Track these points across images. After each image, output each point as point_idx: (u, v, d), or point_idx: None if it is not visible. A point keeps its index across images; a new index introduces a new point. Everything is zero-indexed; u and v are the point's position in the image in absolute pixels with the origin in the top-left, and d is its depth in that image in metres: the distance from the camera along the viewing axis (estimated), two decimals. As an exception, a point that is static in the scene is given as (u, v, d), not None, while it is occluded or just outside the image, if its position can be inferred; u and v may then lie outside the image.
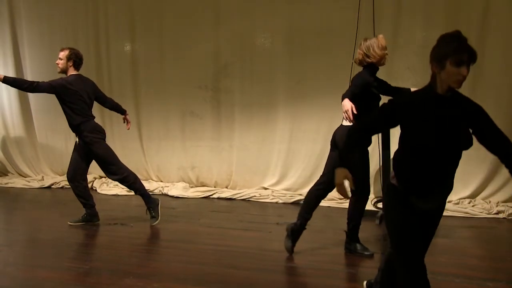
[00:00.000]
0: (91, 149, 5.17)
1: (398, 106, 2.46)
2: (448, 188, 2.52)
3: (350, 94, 3.83)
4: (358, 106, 3.80)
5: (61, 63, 5.22)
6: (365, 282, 3.23)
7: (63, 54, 5.22)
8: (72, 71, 5.23)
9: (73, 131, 5.26)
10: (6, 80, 5.02)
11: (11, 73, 8.08)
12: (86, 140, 5.15)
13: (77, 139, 5.25)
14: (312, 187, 4.24)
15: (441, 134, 2.35)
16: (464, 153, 2.50)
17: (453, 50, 2.29)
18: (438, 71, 2.36)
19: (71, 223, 5.27)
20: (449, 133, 2.35)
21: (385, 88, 4.17)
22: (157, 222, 5.26)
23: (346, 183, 2.59)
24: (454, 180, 2.58)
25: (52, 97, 5.25)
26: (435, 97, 2.39)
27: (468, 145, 2.39)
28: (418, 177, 2.44)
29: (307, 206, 4.18)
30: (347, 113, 3.74)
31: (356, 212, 4.12)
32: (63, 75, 5.25)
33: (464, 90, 2.43)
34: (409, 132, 2.41)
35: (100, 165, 5.30)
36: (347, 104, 3.76)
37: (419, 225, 2.49)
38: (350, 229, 4.16)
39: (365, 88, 3.91)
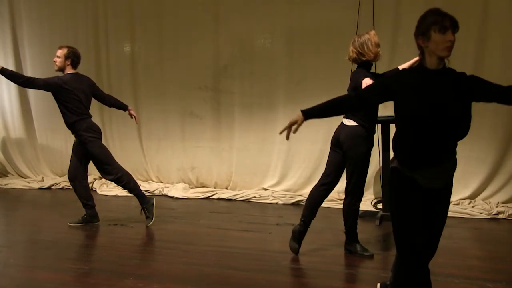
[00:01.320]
0: (86, 147, 5.18)
1: (392, 82, 2.53)
2: (451, 165, 2.51)
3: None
4: None
5: (58, 61, 5.21)
6: (378, 285, 3.22)
7: (61, 52, 5.21)
8: (69, 70, 5.22)
9: (69, 129, 5.26)
10: (3, 72, 5.00)
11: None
12: (80, 138, 5.17)
13: (75, 138, 5.27)
14: (315, 187, 4.22)
15: (434, 106, 2.37)
16: (464, 154, 2.51)
17: (435, 19, 2.40)
18: (425, 44, 2.42)
19: (71, 224, 5.26)
20: (442, 106, 2.37)
21: None
22: (151, 222, 5.25)
23: (294, 127, 2.60)
24: (454, 181, 2.58)
25: (52, 98, 5.26)
26: (426, 72, 2.44)
27: (465, 117, 2.40)
28: (416, 153, 2.45)
29: (311, 206, 4.18)
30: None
31: (351, 213, 4.11)
32: (60, 73, 5.25)
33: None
34: (403, 108, 2.46)
35: (95, 164, 5.30)
36: (369, 80, 3.71)
37: (423, 211, 2.47)
38: (348, 229, 4.16)
39: None
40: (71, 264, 4.12)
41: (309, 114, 2.59)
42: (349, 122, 4.01)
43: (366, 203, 5.84)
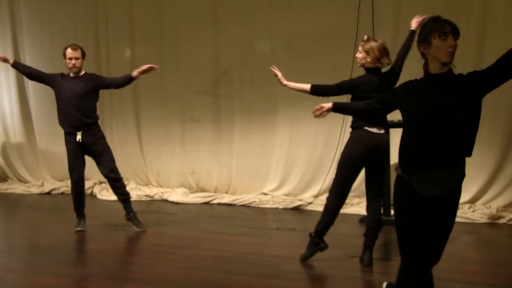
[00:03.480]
0: (103, 142, 5.26)
1: (398, 90, 2.65)
2: (458, 171, 2.48)
3: None
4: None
5: (78, 62, 5.16)
6: (384, 284, 3.22)
7: (78, 53, 5.15)
8: (83, 69, 5.25)
9: (84, 128, 5.17)
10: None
11: (12, 77, 8.09)
12: (99, 134, 5.25)
13: (80, 138, 5.19)
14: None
15: (433, 108, 2.39)
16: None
17: (434, 26, 2.43)
18: (427, 51, 2.45)
19: (78, 230, 5.24)
20: (442, 108, 2.38)
21: None
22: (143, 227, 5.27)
23: (320, 111, 3.16)
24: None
25: (53, 102, 5.27)
26: (430, 77, 2.47)
27: (468, 121, 2.39)
28: (419, 158, 2.44)
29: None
30: None
31: (378, 218, 4.08)
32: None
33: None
34: (404, 112, 2.52)
35: (103, 161, 5.23)
36: None
37: (427, 221, 2.47)
38: (370, 237, 4.08)
39: None
40: (71, 269, 4.11)
41: (337, 108, 3.13)
42: (381, 131, 3.97)
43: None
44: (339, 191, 4.03)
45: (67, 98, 5.13)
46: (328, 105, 3.11)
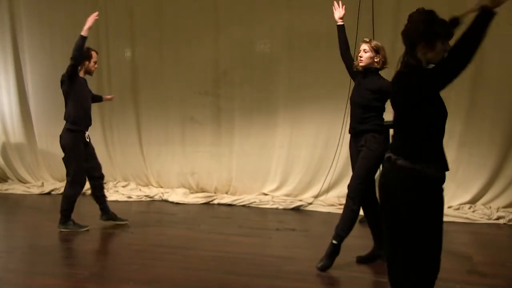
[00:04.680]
0: (91, 142, 5.38)
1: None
2: None
3: None
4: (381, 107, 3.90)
5: None
6: None
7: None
8: None
9: (89, 125, 5.36)
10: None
11: (11, 79, 8.10)
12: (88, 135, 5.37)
13: (88, 138, 5.32)
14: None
15: (443, 103, 2.36)
16: (465, 159, 2.50)
17: (443, 26, 2.31)
18: (424, 51, 2.32)
19: (84, 229, 5.25)
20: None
21: None
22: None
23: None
24: (454, 186, 2.56)
25: (53, 102, 5.27)
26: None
27: None
28: (442, 150, 2.35)
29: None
30: None
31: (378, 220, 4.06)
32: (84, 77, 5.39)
33: (465, 91, 2.44)
34: (432, 106, 2.31)
35: (95, 158, 5.40)
36: None
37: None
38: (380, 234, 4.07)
39: None
40: (70, 269, 4.11)
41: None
42: None
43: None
44: (363, 196, 3.94)
45: (86, 98, 5.31)
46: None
